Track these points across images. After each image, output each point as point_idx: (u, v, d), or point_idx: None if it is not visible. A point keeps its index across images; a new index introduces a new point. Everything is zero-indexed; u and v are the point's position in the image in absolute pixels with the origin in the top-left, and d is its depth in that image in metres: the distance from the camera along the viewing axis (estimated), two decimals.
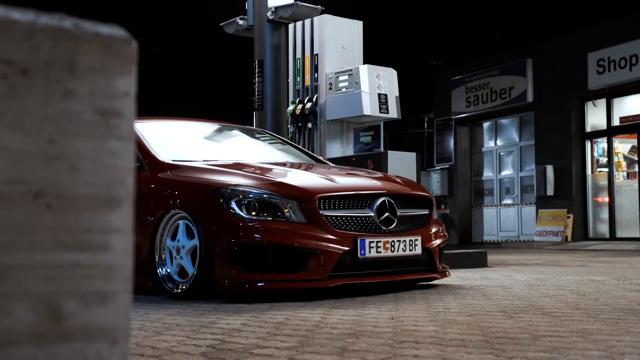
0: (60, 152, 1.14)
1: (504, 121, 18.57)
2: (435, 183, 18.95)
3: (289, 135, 8.32)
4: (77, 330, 1.14)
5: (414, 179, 7.10)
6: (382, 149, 7.66)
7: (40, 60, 1.13)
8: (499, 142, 18.71)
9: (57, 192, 1.13)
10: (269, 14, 8.55)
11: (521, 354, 2.29)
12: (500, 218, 18.23)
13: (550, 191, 16.38)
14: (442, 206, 19.01)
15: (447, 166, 19.03)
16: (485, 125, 19.04)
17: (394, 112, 7.81)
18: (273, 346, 2.58)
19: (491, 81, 17.85)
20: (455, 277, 5.74)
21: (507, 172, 18.43)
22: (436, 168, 19.32)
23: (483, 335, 2.71)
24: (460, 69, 19.02)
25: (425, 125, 21.87)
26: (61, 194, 1.14)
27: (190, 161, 4.89)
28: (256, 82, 8.58)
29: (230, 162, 4.94)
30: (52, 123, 1.14)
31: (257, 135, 6.33)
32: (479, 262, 7.19)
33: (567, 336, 2.62)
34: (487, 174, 18.91)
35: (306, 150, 6.39)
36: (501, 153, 18.60)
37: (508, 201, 18.24)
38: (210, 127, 6.07)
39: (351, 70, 7.85)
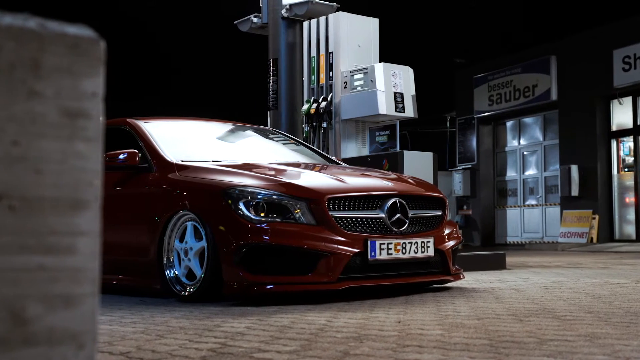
0: (24, 153, 1.12)
1: (528, 120, 18.38)
2: (457, 183, 18.80)
3: (304, 135, 8.27)
4: (42, 334, 1.12)
5: (431, 179, 7.02)
6: (398, 148, 7.59)
7: (3, 61, 1.12)
8: (522, 142, 18.51)
9: (21, 195, 1.12)
10: (283, 11, 8.49)
11: (525, 358, 2.24)
12: (524, 219, 18.04)
13: (575, 191, 16.16)
14: (465, 207, 18.87)
15: (470, 166, 18.87)
16: (509, 124, 18.85)
17: (410, 111, 7.74)
18: (274, 350, 2.56)
19: (514, 79, 17.66)
20: (471, 279, 5.67)
21: (530, 172, 18.23)
22: (458, 168, 19.16)
23: (489, 339, 2.66)
24: (482, 67, 18.85)
25: (448, 125, 21.70)
26: (25, 196, 1.12)
27: (199, 161, 4.86)
28: (270, 80, 8.53)
29: (240, 163, 4.91)
30: (16, 124, 1.12)
31: (270, 136, 6.27)
32: (497, 264, 7.09)
33: (574, 340, 2.56)
34: (511, 174, 18.72)
35: (319, 150, 6.33)
36: (525, 152, 18.40)
37: (532, 202, 18.04)
38: (221, 127, 6.03)
39: (366, 68, 7.79)
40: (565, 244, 15.41)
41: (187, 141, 5.41)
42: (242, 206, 4.17)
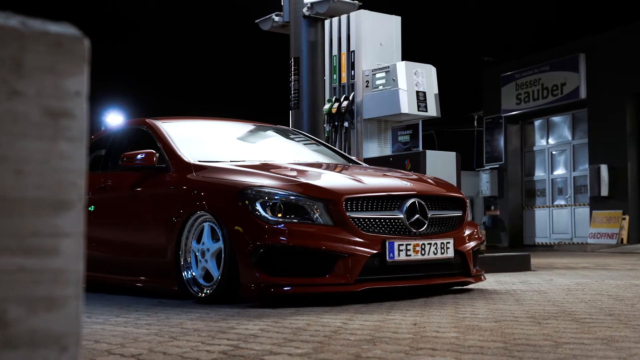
0: (5, 153, 1.11)
1: (556, 119, 18.14)
2: (484, 183, 18.61)
3: (325, 135, 8.22)
4: (23, 336, 1.11)
5: (454, 179, 6.94)
6: (420, 148, 7.52)
7: None
8: (550, 141, 18.27)
9: (1, 195, 1.10)
10: (304, 9, 8.43)
11: None
12: (553, 220, 17.79)
13: (604, 191, 15.90)
14: (492, 207, 18.66)
15: (497, 166, 18.67)
16: (537, 123, 18.62)
17: (433, 110, 7.66)
18: (286, 352, 2.53)
19: (542, 77, 17.44)
20: (493, 281, 5.59)
21: (559, 171, 17.98)
22: (485, 168, 18.96)
23: (504, 342, 2.61)
24: (510, 65, 18.64)
25: (475, 124, 21.49)
26: (5, 196, 1.10)
27: (217, 162, 4.84)
28: (292, 80, 8.48)
29: (258, 163, 4.88)
30: None
31: (290, 136, 6.23)
32: (522, 265, 6.98)
33: (591, 343, 2.50)
34: (539, 173, 18.48)
35: (339, 150, 6.28)
36: (553, 152, 18.16)
37: (561, 202, 17.79)
38: (240, 127, 6.00)
39: (388, 67, 7.72)
40: (594, 245, 15.16)
41: (205, 141, 5.40)
42: (258, 207, 4.14)
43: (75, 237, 1.17)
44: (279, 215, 4.13)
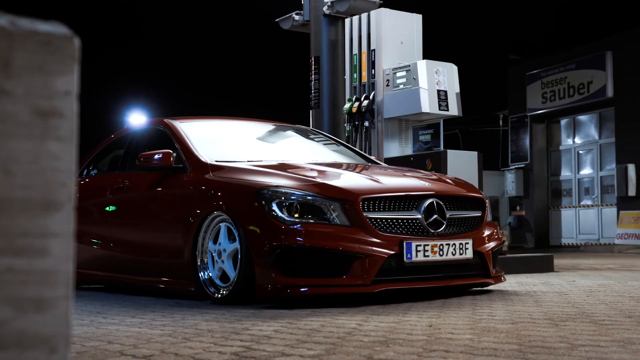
0: None
1: (583, 118, 17.90)
2: (510, 183, 18.42)
3: (346, 135, 8.18)
4: (11, 338, 1.10)
5: (475, 179, 6.87)
6: (441, 147, 7.45)
7: None
8: (577, 140, 18.03)
9: None
10: (325, 8, 8.39)
11: None
12: (579, 220, 17.56)
13: (632, 191, 15.66)
14: (518, 207, 18.47)
15: (523, 165, 18.47)
16: (563, 122, 18.40)
17: (454, 109, 7.59)
18: (298, 354, 2.51)
19: (568, 75, 17.22)
20: (514, 282, 5.52)
21: (586, 171, 17.74)
22: (511, 167, 18.77)
23: (518, 344, 2.57)
24: (535, 63, 18.44)
25: (500, 123, 21.28)
26: None
27: (234, 162, 4.83)
28: (312, 79, 8.45)
29: (275, 163, 4.86)
30: None
31: (309, 136, 6.18)
32: (544, 266, 6.88)
33: (607, 346, 2.44)
34: (565, 173, 18.25)
35: (359, 150, 6.24)
36: (580, 151, 17.92)
37: (587, 202, 17.55)
38: (259, 127, 5.98)
39: (409, 66, 7.66)
40: (622, 246, 14.93)
41: (223, 141, 5.39)
42: (275, 207, 4.12)
43: (64, 237, 1.16)
44: (296, 215, 4.11)
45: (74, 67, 1.18)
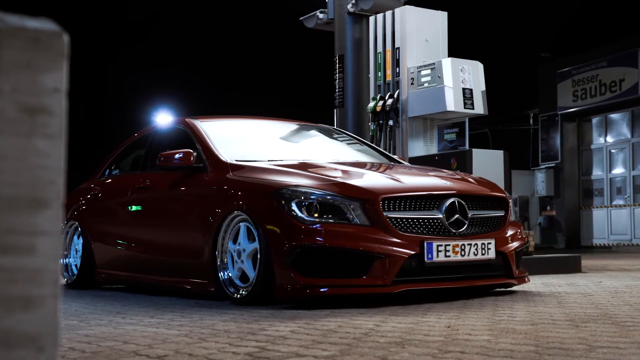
0: None
1: (615, 116, 17.59)
2: (540, 183, 18.17)
3: (370, 134, 8.13)
4: None
5: (501, 178, 6.78)
6: (467, 146, 7.36)
7: None
8: (609, 139, 17.73)
9: None
10: (349, 6, 8.34)
11: None
12: (611, 220, 17.25)
13: None
14: (548, 208, 18.21)
15: (553, 165, 18.21)
16: (594, 120, 18.10)
17: (480, 108, 7.50)
18: (312, 355, 2.49)
19: (600, 73, 16.94)
20: (539, 283, 5.42)
21: (618, 170, 17.42)
22: (541, 167, 18.52)
23: (536, 345, 2.52)
24: (566, 61, 18.16)
25: (531, 122, 21.01)
26: None
27: (255, 161, 4.81)
28: (337, 77, 8.39)
29: (296, 162, 4.84)
30: None
31: (332, 135, 6.13)
32: (571, 267, 6.76)
33: (626, 347, 2.38)
34: (597, 172, 17.95)
35: (382, 150, 6.18)
36: (612, 150, 17.61)
37: (619, 202, 17.24)
38: (280, 126, 5.95)
39: (434, 64, 7.59)
40: None
41: (244, 141, 5.38)
42: (294, 206, 4.10)
43: (52, 235, 1.15)
44: (315, 215, 4.09)
45: (63, 63, 1.17)
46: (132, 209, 5.53)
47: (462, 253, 4.23)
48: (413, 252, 4.09)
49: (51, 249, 1.14)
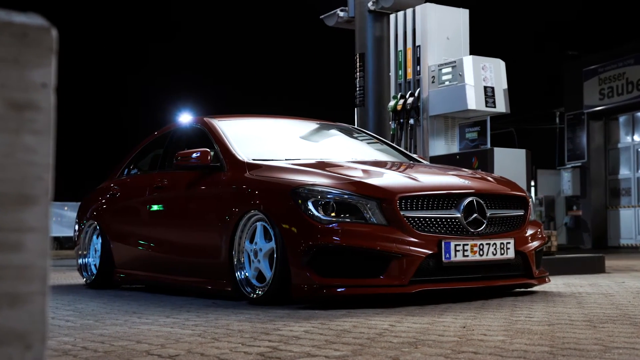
0: None
1: None
2: (566, 182, 17.94)
3: (391, 132, 8.07)
4: None
5: (523, 177, 6.69)
6: (488, 145, 7.28)
7: None
8: (636, 138, 17.45)
9: None
10: (370, 4, 8.28)
11: None
12: (639, 220, 16.96)
13: None
14: (574, 207, 17.98)
15: (580, 164, 17.97)
16: (621, 119, 17.83)
17: (501, 106, 7.41)
18: (323, 355, 2.47)
19: (627, 71, 16.68)
20: (560, 283, 5.34)
21: None
22: (567, 166, 18.28)
23: (550, 346, 2.47)
24: (592, 59, 17.91)
25: (557, 120, 20.75)
26: None
27: (272, 160, 4.79)
28: (357, 76, 8.33)
29: (313, 161, 4.81)
30: None
31: (351, 134, 6.09)
32: (595, 267, 6.65)
33: None
34: (624, 172, 17.68)
35: (401, 149, 6.12)
36: (639, 149, 17.32)
37: None
38: (299, 125, 5.92)
39: (455, 62, 7.52)
40: None
41: (261, 140, 5.36)
42: (311, 206, 4.07)
43: (40, 232, 1.14)
44: (332, 214, 4.06)
45: (51, 59, 1.16)
46: (150, 209, 5.54)
47: (481, 253, 4.17)
48: (430, 252, 4.04)
49: (39, 246, 1.13)
